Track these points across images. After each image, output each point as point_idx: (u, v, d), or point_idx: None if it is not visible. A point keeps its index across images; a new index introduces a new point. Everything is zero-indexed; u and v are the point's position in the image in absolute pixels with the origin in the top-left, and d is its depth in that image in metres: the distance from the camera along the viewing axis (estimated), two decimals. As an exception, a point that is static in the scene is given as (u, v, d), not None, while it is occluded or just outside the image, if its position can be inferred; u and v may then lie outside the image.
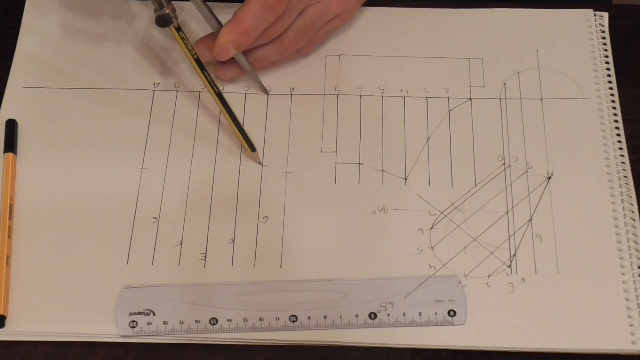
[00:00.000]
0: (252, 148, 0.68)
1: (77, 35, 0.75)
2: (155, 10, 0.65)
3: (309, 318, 0.63)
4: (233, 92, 0.72)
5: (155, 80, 0.73)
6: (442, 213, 0.67)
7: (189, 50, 0.67)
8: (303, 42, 0.71)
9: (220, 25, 0.69)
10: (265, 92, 0.72)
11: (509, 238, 0.66)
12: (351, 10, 0.73)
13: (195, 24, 0.74)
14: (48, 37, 0.75)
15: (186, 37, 0.67)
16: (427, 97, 0.72)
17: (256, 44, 0.69)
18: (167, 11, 0.65)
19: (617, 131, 0.70)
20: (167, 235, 0.66)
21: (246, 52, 0.70)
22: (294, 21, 0.70)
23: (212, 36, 0.69)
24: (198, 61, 0.67)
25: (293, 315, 0.63)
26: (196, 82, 0.73)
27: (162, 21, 0.65)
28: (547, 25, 0.75)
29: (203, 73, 0.67)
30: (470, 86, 0.73)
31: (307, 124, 0.71)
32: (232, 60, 0.70)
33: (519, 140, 0.70)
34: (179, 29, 0.66)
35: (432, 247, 0.65)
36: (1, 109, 0.71)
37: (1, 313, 0.62)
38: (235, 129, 0.68)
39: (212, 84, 0.68)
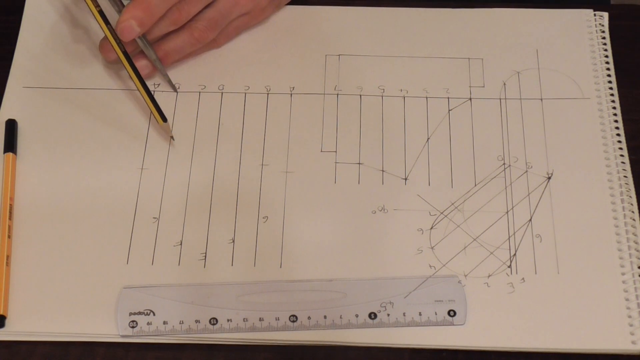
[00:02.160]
0: (164, 118, 0.68)
1: (77, 35, 0.75)
2: None
3: (309, 318, 0.63)
4: (234, 92, 0.72)
5: (155, 81, 0.73)
6: (442, 213, 0.67)
7: (91, 1, 0.67)
8: (213, 34, 0.71)
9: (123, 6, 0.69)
10: (175, 89, 0.72)
11: (509, 238, 0.66)
12: (264, 9, 0.73)
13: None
14: (48, 37, 0.75)
15: None
16: (427, 97, 0.72)
17: (164, 30, 0.70)
18: None
19: (617, 131, 0.70)
20: (167, 235, 0.66)
21: (157, 45, 0.71)
22: (204, 11, 0.70)
23: None
24: (101, 13, 0.68)
25: (293, 315, 0.63)
26: (196, 82, 0.73)
27: None
28: (547, 25, 0.75)
29: (107, 27, 0.67)
30: (470, 86, 0.73)
31: (307, 124, 0.71)
32: (145, 57, 0.71)
33: (519, 140, 0.70)
34: None
35: (432, 247, 0.65)
36: (1, 109, 0.71)
37: (1, 313, 0.62)
38: (146, 97, 0.68)
39: (118, 40, 0.68)
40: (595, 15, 0.76)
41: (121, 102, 0.72)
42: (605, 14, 0.76)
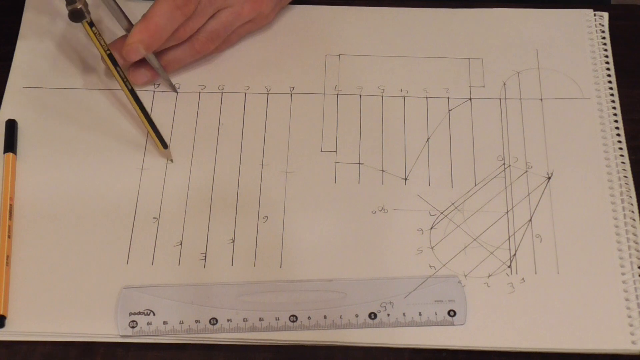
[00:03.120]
0: (164, 145, 0.68)
1: (77, 35, 0.75)
2: (67, 5, 0.65)
3: (309, 318, 0.63)
4: (234, 92, 0.72)
5: (155, 81, 0.73)
6: (442, 213, 0.67)
7: (101, 46, 0.67)
8: (215, 44, 0.71)
9: (130, 24, 0.69)
10: (175, 90, 0.72)
11: (509, 238, 0.66)
12: (267, 15, 0.73)
13: (113, 20, 0.73)
14: (48, 38, 0.75)
15: (99, 33, 0.67)
16: (427, 97, 0.72)
17: (166, 45, 0.70)
18: (80, 6, 0.65)
19: (617, 131, 0.70)
20: (167, 235, 0.66)
21: (158, 55, 0.71)
22: (206, 24, 0.70)
23: (124, 39, 0.69)
24: (111, 57, 0.67)
25: (293, 315, 0.63)
26: (196, 82, 0.73)
27: (75, 16, 0.65)
28: (547, 25, 0.75)
29: (116, 69, 0.67)
30: (470, 86, 0.73)
31: (307, 124, 0.71)
32: (144, 64, 0.71)
33: (519, 140, 0.70)
34: (91, 24, 0.66)
35: (432, 247, 0.65)
36: (1, 109, 0.71)
37: (1, 313, 0.62)
38: (148, 126, 0.68)
39: (125, 80, 0.68)
40: (595, 15, 0.76)
41: (121, 102, 0.72)
42: (605, 14, 0.76)
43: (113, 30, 0.74)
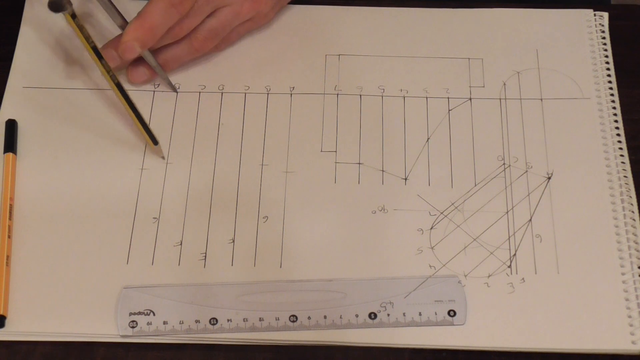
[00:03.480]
0: (155, 141, 0.68)
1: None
2: None
3: (309, 318, 0.63)
4: (234, 92, 0.72)
5: (155, 81, 0.73)
6: (442, 213, 0.67)
7: (85, 38, 0.66)
8: (213, 43, 0.71)
9: (125, 22, 0.69)
10: (175, 90, 0.72)
11: (509, 238, 0.66)
12: (266, 14, 0.73)
13: (109, 19, 0.73)
14: (48, 37, 0.75)
15: (82, 25, 0.65)
16: (427, 97, 0.72)
17: (163, 43, 0.70)
18: None
19: (617, 131, 0.70)
20: (167, 235, 0.66)
21: (157, 53, 0.71)
22: (204, 22, 0.70)
23: (120, 39, 0.69)
24: (95, 49, 0.66)
25: (293, 315, 0.63)
26: (196, 82, 0.73)
27: (54, 6, 0.64)
28: (547, 25, 0.75)
29: (101, 62, 0.67)
30: (470, 86, 0.73)
31: (307, 124, 0.71)
32: (143, 63, 0.71)
33: (519, 140, 0.70)
34: (73, 16, 0.65)
35: (432, 248, 0.65)
36: (1, 109, 0.71)
37: (1, 313, 0.62)
38: (137, 121, 0.68)
39: (111, 73, 0.67)
40: (595, 15, 0.76)
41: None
42: (605, 14, 0.76)
43: (110, 29, 0.74)
